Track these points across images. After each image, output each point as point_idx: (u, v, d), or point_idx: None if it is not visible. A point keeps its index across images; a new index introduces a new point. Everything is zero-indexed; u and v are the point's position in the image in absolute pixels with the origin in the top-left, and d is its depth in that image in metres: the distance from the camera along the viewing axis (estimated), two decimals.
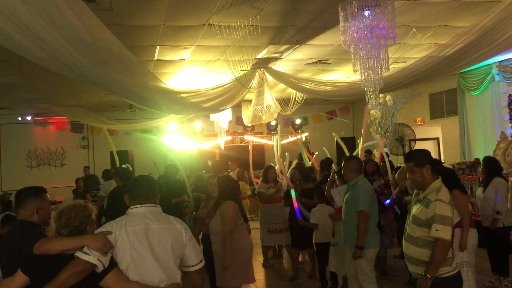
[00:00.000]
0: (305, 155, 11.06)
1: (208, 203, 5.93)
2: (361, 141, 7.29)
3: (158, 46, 7.68)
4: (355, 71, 5.31)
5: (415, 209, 3.41)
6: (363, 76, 5.18)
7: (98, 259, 2.49)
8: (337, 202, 5.71)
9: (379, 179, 6.91)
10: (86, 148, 15.19)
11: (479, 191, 6.37)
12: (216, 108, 9.37)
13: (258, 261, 7.99)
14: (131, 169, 10.63)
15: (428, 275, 3.23)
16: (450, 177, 4.73)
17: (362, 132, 7.59)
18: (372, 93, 5.34)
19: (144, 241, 2.65)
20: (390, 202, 6.70)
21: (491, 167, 6.29)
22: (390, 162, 8.33)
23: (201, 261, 2.88)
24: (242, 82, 8.27)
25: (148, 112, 12.09)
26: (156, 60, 8.64)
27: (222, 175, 5.86)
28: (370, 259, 4.83)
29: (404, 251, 3.48)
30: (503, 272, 6.13)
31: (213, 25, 6.56)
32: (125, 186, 5.09)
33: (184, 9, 6.01)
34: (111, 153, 12.27)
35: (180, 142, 13.71)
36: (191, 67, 9.39)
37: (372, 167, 6.93)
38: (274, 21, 6.73)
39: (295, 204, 6.48)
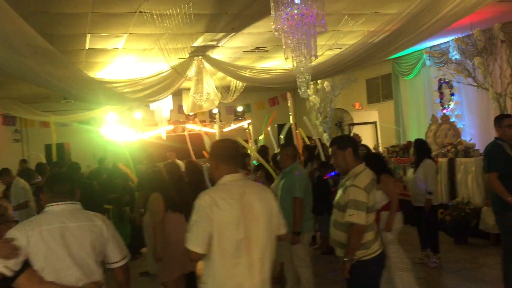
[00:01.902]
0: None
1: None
2: (293, 128, 7.41)
3: (89, 35, 7.40)
4: (286, 58, 5.34)
5: (338, 195, 3.49)
6: (294, 63, 5.22)
7: (5, 266, 2.41)
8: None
9: (311, 164, 7.07)
10: (20, 142, 14.47)
11: (410, 172, 6.64)
12: (151, 98, 9.17)
13: None
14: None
15: (346, 258, 3.32)
16: (376, 162, 4.90)
17: (291, 118, 7.78)
18: (303, 81, 5.40)
19: (60, 240, 2.56)
20: (335, 174, 6.90)
21: (421, 149, 6.57)
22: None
23: (125, 258, 2.82)
24: (178, 71, 8.14)
25: (84, 102, 11.67)
26: (88, 49, 8.33)
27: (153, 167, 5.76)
28: (305, 243, 4.94)
29: (330, 235, 3.56)
30: (433, 249, 6.43)
31: (144, 12, 6.39)
32: None
33: None
34: (46, 146, 11.76)
35: (120, 132, 13.33)
36: (126, 56, 9.13)
37: (305, 154, 7.07)
38: (208, 8, 6.64)
39: None
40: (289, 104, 8.12)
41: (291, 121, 7.96)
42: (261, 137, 12.73)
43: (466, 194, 7.80)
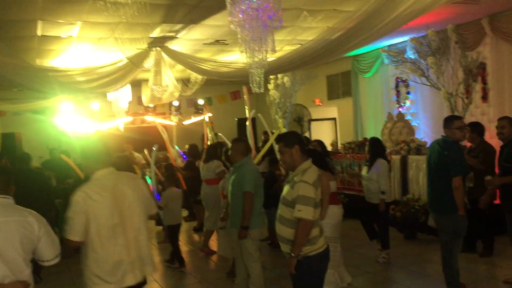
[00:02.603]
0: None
1: None
2: (249, 123, 7.41)
3: (40, 21, 7.13)
4: (241, 52, 5.30)
5: (285, 190, 3.49)
6: (248, 58, 5.18)
7: None
8: (226, 188, 5.72)
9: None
10: None
11: (364, 170, 6.71)
12: (106, 88, 8.96)
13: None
14: None
15: (293, 254, 3.33)
16: (315, 158, 4.94)
17: (247, 112, 7.85)
18: (256, 75, 5.37)
19: None
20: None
21: (375, 148, 6.64)
22: None
23: (57, 256, 2.73)
24: (134, 62, 7.96)
25: (36, 92, 11.27)
26: (41, 36, 8.03)
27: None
28: (254, 238, 4.92)
29: (276, 230, 3.56)
30: (384, 245, 6.55)
31: (98, 0, 6.20)
32: None
33: None
34: None
35: (75, 123, 12.96)
36: (82, 44, 8.86)
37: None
38: None
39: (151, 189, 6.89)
40: (245, 98, 8.12)
41: (247, 116, 7.98)
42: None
43: (417, 190, 7.99)
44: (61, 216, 7.02)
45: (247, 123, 7.28)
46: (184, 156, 11.08)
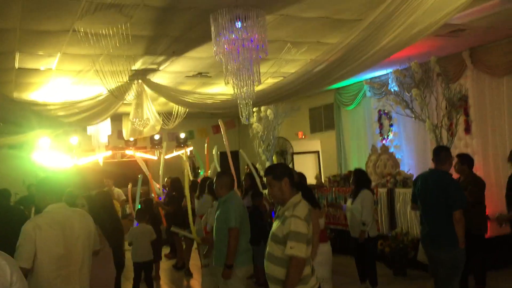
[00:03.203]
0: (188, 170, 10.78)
1: None
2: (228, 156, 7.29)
3: (18, 53, 6.94)
4: (226, 83, 5.18)
5: (274, 226, 3.29)
6: (235, 89, 5.06)
7: None
8: (210, 223, 5.48)
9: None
10: None
11: (348, 202, 6.57)
12: (87, 122, 8.73)
13: None
14: None
15: None
16: (304, 192, 4.77)
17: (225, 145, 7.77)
18: (244, 107, 5.24)
19: None
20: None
21: (359, 179, 6.54)
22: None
23: None
24: (115, 95, 7.78)
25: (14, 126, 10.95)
26: (18, 68, 7.83)
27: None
28: (241, 277, 4.66)
29: (265, 269, 3.33)
30: (372, 282, 6.34)
31: (79, 31, 6.06)
32: None
33: (43, 12, 5.45)
34: None
35: (53, 158, 12.61)
36: (61, 77, 8.67)
37: (248, 182, 6.90)
38: (147, 30, 6.40)
39: None
40: (222, 132, 8.11)
41: (227, 150, 7.93)
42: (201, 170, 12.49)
43: (405, 224, 7.84)
44: None
45: (228, 156, 7.13)
46: (163, 190, 10.81)
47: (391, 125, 10.66)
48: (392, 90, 9.11)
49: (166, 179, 10.96)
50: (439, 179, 4.66)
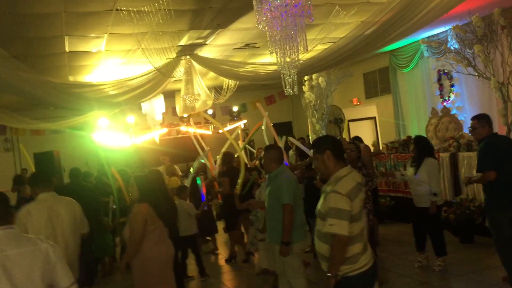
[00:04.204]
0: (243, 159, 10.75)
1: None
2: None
3: (66, 36, 7.04)
4: (271, 53, 4.96)
5: (319, 202, 3.09)
6: (279, 58, 4.83)
7: None
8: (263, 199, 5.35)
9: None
10: (11, 151, 14.12)
11: (410, 171, 6.18)
12: (134, 102, 8.83)
13: None
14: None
15: (329, 274, 2.93)
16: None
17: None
18: (288, 77, 5.00)
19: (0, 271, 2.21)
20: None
21: (422, 147, 6.10)
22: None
23: (72, 284, 2.44)
24: (163, 72, 7.75)
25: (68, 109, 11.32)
26: (69, 52, 7.97)
27: (141, 173, 5.41)
28: (297, 253, 4.53)
29: (315, 245, 3.16)
30: (440, 252, 5.99)
31: (121, 10, 6.02)
32: None
33: None
34: (35, 155, 11.41)
35: (112, 138, 12.95)
36: (110, 58, 8.77)
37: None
38: (188, 3, 6.28)
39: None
40: (261, 111, 7.93)
41: (270, 128, 7.82)
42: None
43: (471, 190, 7.39)
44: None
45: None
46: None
47: (452, 86, 10.01)
48: (452, 48, 8.48)
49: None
50: None
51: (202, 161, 9.14)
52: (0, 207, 2.37)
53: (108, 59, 8.82)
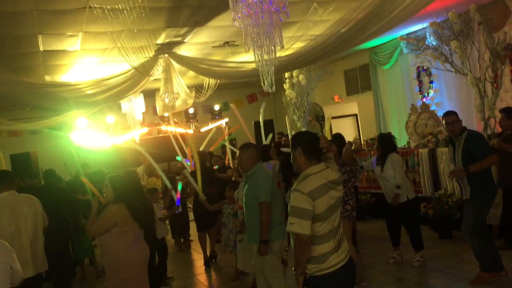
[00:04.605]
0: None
1: None
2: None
3: (40, 35, 6.89)
4: (247, 50, 4.90)
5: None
6: (256, 56, 4.78)
7: None
8: (240, 197, 5.29)
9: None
10: None
11: (377, 170, 6.23)
12: (112, 101, 8.73)
13: None
14: None
15: (295, 272, 2.90)
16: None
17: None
18: (266, 74, 4.96)
19: None
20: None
21: (385, 144, 6.24)
22: None
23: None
24: (140, 71, 7.64)
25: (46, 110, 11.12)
26: (44, 51, 7.81)
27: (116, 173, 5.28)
28: (276, 252, 4.50)
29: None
30: (417, 246, 6.05)
31: (95, 8, 5.90)
32: None
33: None
34: (11, 156, 11.18)
35: (91, 138, 12.75)
36: (87, 57, 8.62)
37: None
38: (164, 1, 6.17)
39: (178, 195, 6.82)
40: (235, 113, 7.94)
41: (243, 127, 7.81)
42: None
43: (450, 185, 7.44)
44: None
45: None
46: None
47: (431, 82, 10.07)
48: (430, 44, 8.53)
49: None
50: None
51: (179, 159, 9.10)
52: None
53: (84, 58, 8.66)
